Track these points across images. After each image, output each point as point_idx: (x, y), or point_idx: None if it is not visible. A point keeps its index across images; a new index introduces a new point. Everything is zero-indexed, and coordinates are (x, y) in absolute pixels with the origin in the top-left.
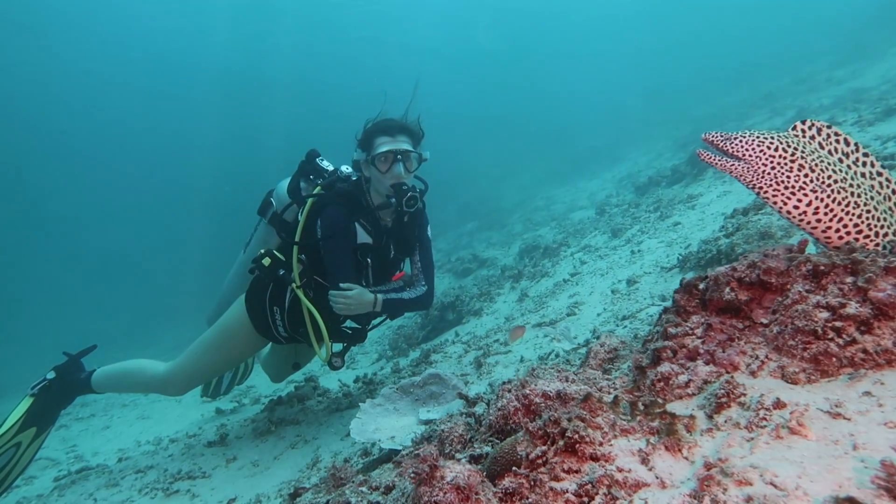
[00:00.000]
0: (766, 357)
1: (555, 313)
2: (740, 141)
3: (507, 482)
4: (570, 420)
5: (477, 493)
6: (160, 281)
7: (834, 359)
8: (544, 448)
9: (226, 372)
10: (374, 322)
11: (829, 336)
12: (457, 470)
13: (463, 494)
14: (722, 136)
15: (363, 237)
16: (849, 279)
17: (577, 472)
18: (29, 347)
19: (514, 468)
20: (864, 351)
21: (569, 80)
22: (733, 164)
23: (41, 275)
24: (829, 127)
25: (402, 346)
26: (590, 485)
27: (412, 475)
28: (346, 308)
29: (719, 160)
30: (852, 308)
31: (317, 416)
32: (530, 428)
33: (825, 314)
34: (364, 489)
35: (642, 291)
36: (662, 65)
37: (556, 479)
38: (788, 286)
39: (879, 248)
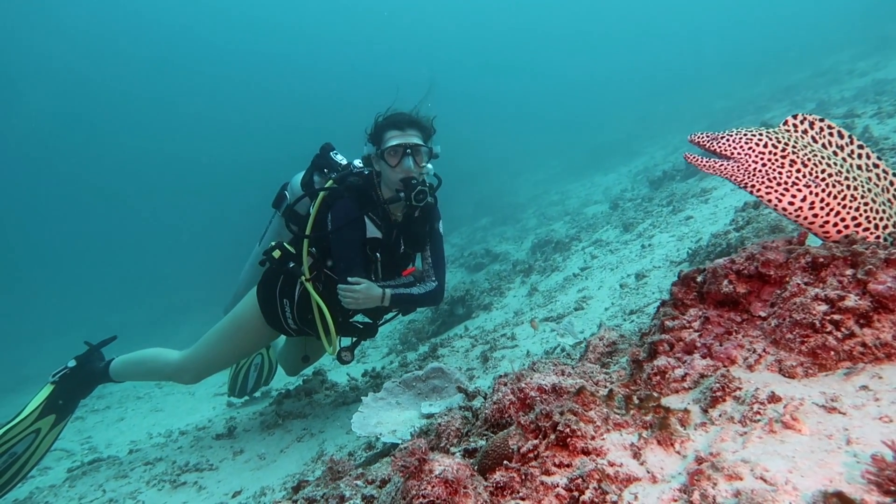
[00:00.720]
0: (764, 351)
1: (563, 308)
2: (728, 140)
3: (498, 476)
4: (561, 414)
5: (465, 487)
6: (178, 275)
7: (832, 352)
8: (536, 442)
9: (238, 361)
10: (386, 317)
11: (828, 329)
12: (445, 463)
13: (451, 488)
14: (709, 137)
15: (373, 231)
16: (848, 271)
17: (568, 466)
18: (52, 342)
19: (505, 462)
20: (863, 344)
21: (588, 74)
22: (722, 165)
23: (63, 271)
24: (821, 120)
25: (412, 341)
26: (580, 479)
27: (401, 468)
28: (354, 302)
29: (707, 162)
30: (851, 301)
31: (324, 410)
32: (522, 421)
33: (823, 307)
34: (359, 483)
35: (651, 286)
36: (683, 58)
37: (547, 473)
38: (787, 279)
39: (880, 241)
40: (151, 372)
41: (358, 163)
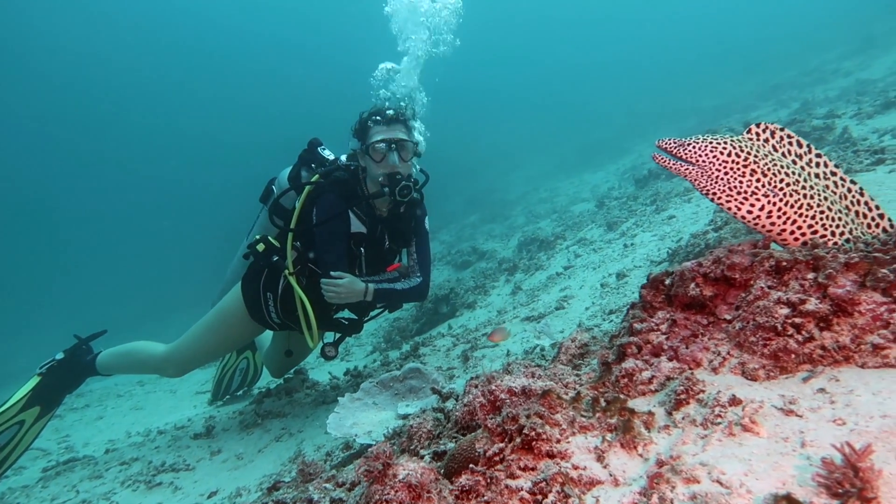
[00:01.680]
0: (728, 353)
1: (544, 307)
2: (693, 147)
3: (464, 480)
4: (527, 417)
5: (429, 492)
6: (168, 272)
7: (793, 355)
8: (501, 445)
9: (223, 355)
10: (372, 313)
11: (789, 332)
12: (410, 468)
13: (415, 492)
14: (676, 143)
15: (357, 226)
16: (810, 275)
17: (532, 469)
18: (39, 339)
19: (471, 465)
20: (823, 347)
21: (580, 73)
22: (687, 168)
23: (54, 268)
24: (782, 130)
25: (396, 339)
26: (544, 482)
27: (365, 473)
28: (336, 296)
29: (673, 163)
30: (812, 304)
31: (304, 409)
32: (489, 424)
33: (785, 310)
34: (329, 486)
35: (631, 285)
36: (674, 55)
37: (512, 476)
38: (752, 282)
39: (839, 246)
40: (137, 364)
41: (345, 158)
